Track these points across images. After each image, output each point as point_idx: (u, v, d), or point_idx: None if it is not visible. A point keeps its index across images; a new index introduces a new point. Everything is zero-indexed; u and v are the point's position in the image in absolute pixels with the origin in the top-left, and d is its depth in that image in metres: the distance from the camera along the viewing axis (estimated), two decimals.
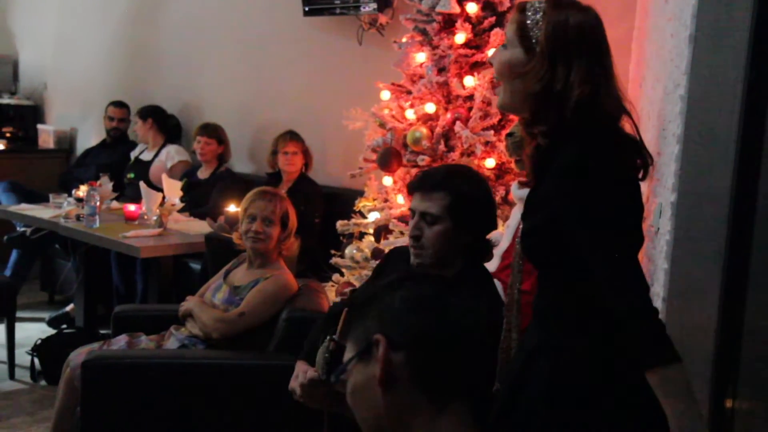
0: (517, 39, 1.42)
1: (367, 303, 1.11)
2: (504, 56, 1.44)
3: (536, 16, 1.42)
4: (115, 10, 5.50)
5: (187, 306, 2.80)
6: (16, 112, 5.98)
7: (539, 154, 1.41)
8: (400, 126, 3.08)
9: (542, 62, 1.39)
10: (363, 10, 3.95)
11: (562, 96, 1.38)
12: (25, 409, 3.49)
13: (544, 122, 1.40)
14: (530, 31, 1.41)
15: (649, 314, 1.29)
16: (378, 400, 1.05)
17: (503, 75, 1.45)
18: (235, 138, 4.64)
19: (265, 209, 2.72)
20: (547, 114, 1.39)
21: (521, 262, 1.53)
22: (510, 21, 1.46)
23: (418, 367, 1.05)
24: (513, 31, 1.44)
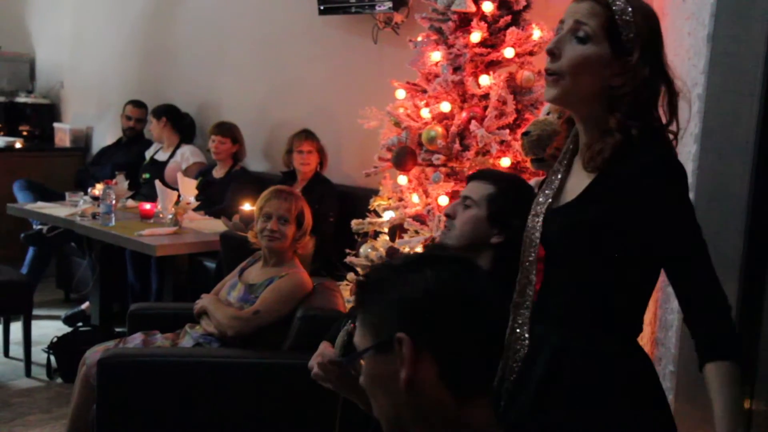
0: (604, 33, 1.36)
1: (383, 282, 1.08)
2: (584, 51, 1.37)
3: (626, 14, 1.37)
4: (132, 8, 5.53)
5: (202, 304, 2.81)
6: (32, 111, 6.02)
7: (610, 148, 1.37)
8: (415, 125, 3.08)
9: (634, 62, 1.36)
10: (378, 8, 3.96)
11: (649, 95, 1.39)
12: (41, 406, 3.51)
13: (640, 120, 1.38)
14: (621, 28, 1.36)
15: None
16: (399, 392, 1.03)
17: (579, 70, 1.38)
18: (250, 137, 4.66)
19: (280, 208, 2.73)
20: (642, 112, 1.38)
21: (535, 258, 1.49)
22: (586, 12, 1.38)
23: (446, 365, 1.03)
24: (598, 25, 1.37)
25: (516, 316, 1.50)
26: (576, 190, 1.44)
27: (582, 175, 1.44)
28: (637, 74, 1.37)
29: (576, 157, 1.50)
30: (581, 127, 1.46)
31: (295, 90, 4.62)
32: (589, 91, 1.39)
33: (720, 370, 1.28)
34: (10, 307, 3.93)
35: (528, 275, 1.49)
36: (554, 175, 1.51)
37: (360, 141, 4.01)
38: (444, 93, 3.00)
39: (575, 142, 1.50)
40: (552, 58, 1.40)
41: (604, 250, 1.38)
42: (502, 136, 2.86)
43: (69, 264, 4.98)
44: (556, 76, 1.39)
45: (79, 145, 5.88)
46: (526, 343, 1.48)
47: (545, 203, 1.48)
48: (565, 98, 1.42)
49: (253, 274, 2.81)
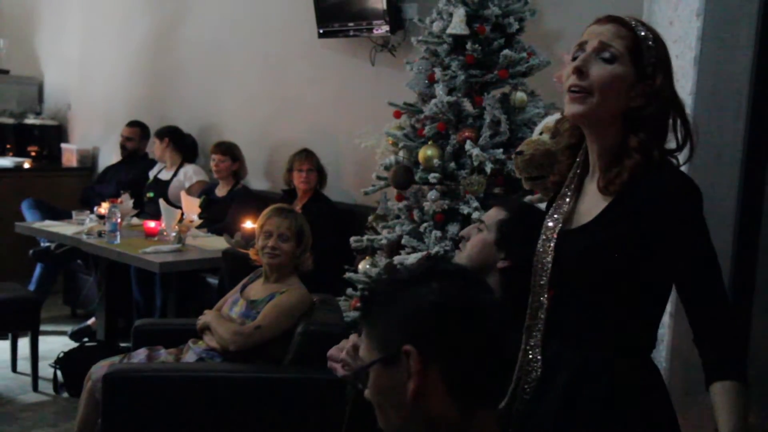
0: (629, 56, 1.36)
1: (389, 295, 1.07)
2: (614, 71, 1.36)
3: (648, 39, 1.38)
4: (136, 33, 5.56)
5: (205, 319, 2.80)
6: (41, 132, 6.02)
7: (628, 171, 1.36)
8: (412, 145, 3.08)
9: (658, 85, 1.37)
10: (376, 32, 3.97)
11: (668, 119, 1.39)
12: (48, 420, 3.50)
13: (660, 142, 1.39)
14: (644, 51, 1.37)
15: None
16: (405, 405, 1.02)
17: (607, 88, 1.36)
18: (251, 156, 4.66)
19: (281, 226, 2.73)
20: (662, 135, 1.39)
21: (546, 282, 1.45)
22: (611, 34, 1.38)
23: (453, 378, 1.02)
24: (624, 47, 1.36)
25: (528, 338, 1.47)
26: (592, 213, 1.42)
27: (596, 197, 1.42)
28: (660, 97, 1.37)
29: (586, 179, 1.48)
30: (595, 148, 1.44)
31: (295, 110, 4.63)
32: (612, 110, 1.38)
33: (726, 389, 1.28)
34: (18, 322, 3.92)
35: (539, 298, 1.46)
36: (562, 199, 1.49)
37: (358, 160, 4.01)
38: (440, 113, 3.00)
39: (584, 166, 1.48)
40: (580, 76, 1.37)
41: (622, 271, 1.37)
42: (497, 156, 2.86)
43: (75, 281, 4.97)
44: (583, 93, 1.37)
45: (85, 165, 5.88)
46: (538, 365, 1.45)
47: (555, 227, 1.46)
48: (590, 116, 1.39)
49: (255, 291, 2.80)
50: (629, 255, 1.36)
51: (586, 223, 1.42)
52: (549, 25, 3.29)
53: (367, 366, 1.06)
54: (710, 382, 1.30)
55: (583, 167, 1.48)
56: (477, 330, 1.03)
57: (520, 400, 1.46)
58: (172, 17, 5.34)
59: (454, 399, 1.02)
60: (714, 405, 1.29)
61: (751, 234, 1.71)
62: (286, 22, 4.58)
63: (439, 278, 1.06)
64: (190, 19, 5.22)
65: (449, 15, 3.03)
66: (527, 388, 1.46)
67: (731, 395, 1.28)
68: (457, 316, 1.03)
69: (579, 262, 1.41)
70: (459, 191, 2.94)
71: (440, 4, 3.11)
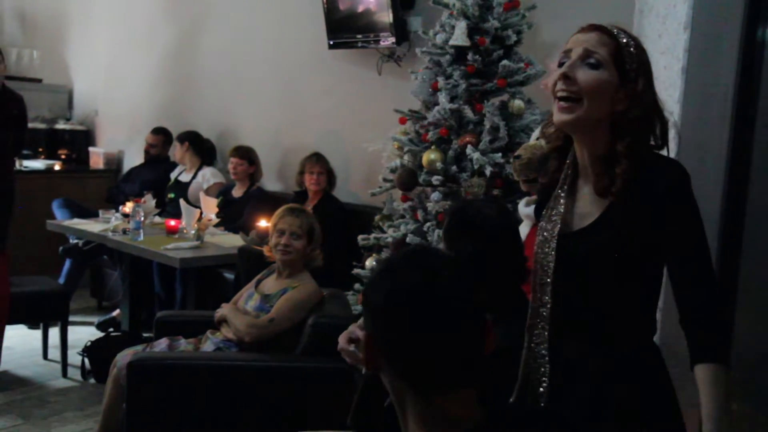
0: (613, 62, 1.35)
1: (370, 287, 1.08)
2: (599, 76, 1.34)
3: (629, 45, 1.36)
4: (159, 43, 5.57)
5: (222, 312, 2.80)
6: (70, 136, 6.04)
7: (621, 178, 1.34)
8: (416, 149, 3.08)
9: (640, 89, 1.35)
10: (382, 43, 3.97)
11: (651, 121, 1.38)
12: (76, 404, 3.51)
13: (645, 144, 1.37)
14: (626, 57, 1.35)
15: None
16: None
17: (594, 93, 1.34)
18: (266, 159, 4.67)
19: (293, 224, 2.73)
20: (646, 137, 1.38)
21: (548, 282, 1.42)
22: (595, 41, 1.36)
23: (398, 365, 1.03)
24: (608, 54, 1.35)
25: (532, 336, 1.44)
26: (591, 214, 1.40)
27: (593, 199, 1.40)
28: (642, 101, 1.36)
29: (579, 181, 1.45)
30: (584, 153, 1.42)
31: (306, 117, 4.63)
32: (599, 115, 1.36)
33: (709, 372, 1.26)
34: (49, 314, 3.94)
35: (542, 298, 1.43)
36: (556, 200, 1.46)
37: (365, 163, 4.01)
38: (442, 120, 3.00)
39: (574, 168, 1.46)
40: (567, 82, 1.35)
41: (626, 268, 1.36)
42: (496, 160, 2.86)
43: (102, 275, 4.98)
44: (572, 102, 1.35)
45: (111, 167, 5.90)
46: (545, 361, 1.41)
47: (554, 229, 1.42)
48: (578, 122, 1.37)
49: (268, 285, 2.80)
50: (633, 253, 1.35)
51: (588, 225, 1.39)
52: (545, 37, 3.29)
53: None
54: (694, 363, 1.28)
55: (574, 168, 1.46)
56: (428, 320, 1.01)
57: (532, 396, 1.42)
58: (193, 29, 5.35)
59: (403, 379, 1.03)
60: (699, 386, 1.27)
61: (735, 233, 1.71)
62: (299, 34, 4.58)
63: (401, 269, 1.05)
64: (210, 31, 5.23)
65: (451, 27, 3.03)
66: (537, 384, 1.42)
67: (713, 378, 1.26)
68: (405, 308, 1.02)
69: (584, 262, 1.39)
70: (460, 193, 2.93)
71: (443, 18, 3.11)
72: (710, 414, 1.24)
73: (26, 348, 4.14)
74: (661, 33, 2.04)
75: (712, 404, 1.25)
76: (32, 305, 3.83)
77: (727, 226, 1.70)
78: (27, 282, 3.92)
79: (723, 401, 1.25)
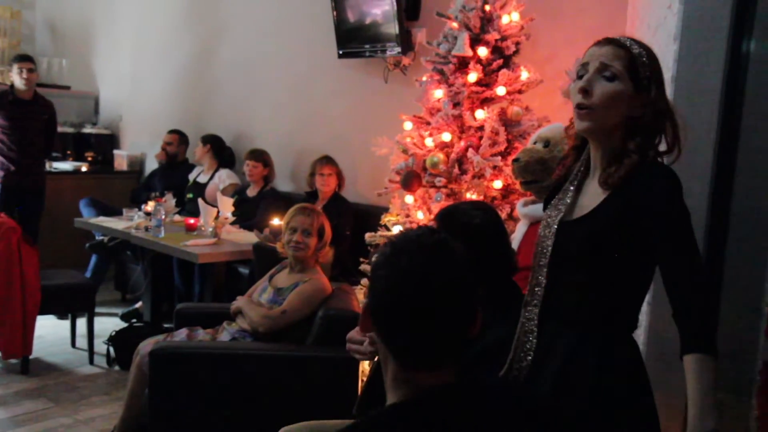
0: (627, 73, 1.37)
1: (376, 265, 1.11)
2: (615, 88, 1.36)
3: (642, 56, 1.37)
4: (179, 53, 5.58)
5: (238, 304, 2.81)
6: (96, 140, 6.06)
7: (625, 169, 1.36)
8: (420, 152, 3.08)
9: (653, 96, 1.37)
10: (389, 53, 3.97)
11: (662, 125, 1.38)
12: (102, 389, 3.53)
13: (654, 145, 1.39)
14: (639, 68, 1.37)
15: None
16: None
17: (609, 104, 1.36)
18: (278, 161, 4.67)
19: (304, 222, 2.74)
20: (655, 139, 1.39)
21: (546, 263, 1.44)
22: (611, 55, 1.38)
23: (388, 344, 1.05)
24: (622, 66, 1.37)
25: (526, 312, 1.46)
26: (591, 205, 1.42)
27: (596, 193, 1.42)
28: (655, 106, 1.37)
29: (587, 180, 1.47)
30: (598, 153, 1.44)
31: (317, 121, 4.63)
32: (614, 122, 1.39)
33: (697, 362, 1.25)
34: (77, 305, 3.96)
35: (538, 277, 1.45)
36: (564, 193, 1.49)
37: (373, 165, 4.01)
38: (445, 125, 3.00)
39: (586, 166, 1.48)
40: (585, 95, 1.38)
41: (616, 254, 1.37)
42: (495, 162, 2.86)
43: (125, 269, 4.99)
44: (588, 110, 1.37)
45: (134, 169, 5.92)
46: (533, 337, 1.43)
47: (557, 217, 1.45)
48: (595, 129, 1.40)
49: (281, 279, 2.81)
50: (622, 241, 1.36)
51: (586, 214, 1.42)
52: (541, 48, 3.28)
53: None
54: (684, 353, 1.27)
55: (585, 167, 1.48)
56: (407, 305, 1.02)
57: (518, 369, 1.44)
58: (210, 40, 5.36)
59: (394, 359, 1.05)
60: (686, 374, 1.26)
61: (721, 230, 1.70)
62: (310, 44, 4.58)
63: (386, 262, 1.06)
64: (226, 42, 5.24)
65: (454, 38, 3.03)
66: (523, 357, 1.45)
67: (700, 367, 1.25)
68: (389, 297, 1.04)
69: (578, 247, 1.40)
70: (461, 193, 2.93)
71: (446, 29, 3.11)
72: (696, 401, 1.24)
73: (56, 337, 4.17)
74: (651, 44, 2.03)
75: (699, 392, 1.24)
76: (61, 297, 3.85)
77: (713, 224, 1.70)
78: (56, 275, 3.94)
79: (709, 390, 1.24)
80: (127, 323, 4.23)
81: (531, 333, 1.44)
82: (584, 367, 1.36)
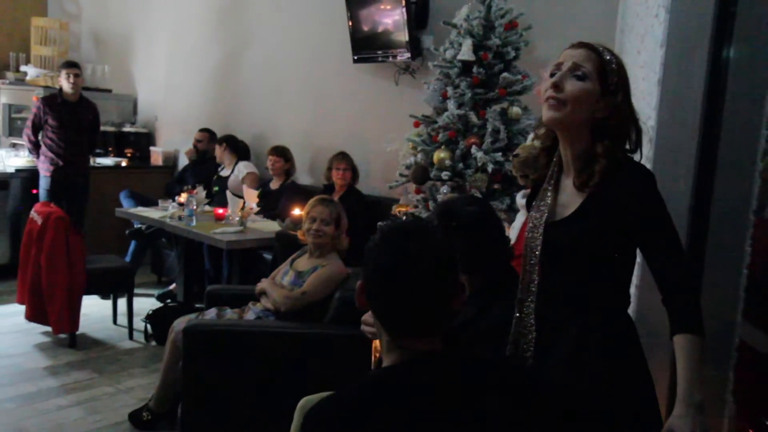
0: (597, 75, 1.35)
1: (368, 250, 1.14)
2: (584, 87, 1.35)
3: (612, 62, 1.36)
4: (209, 59, 5.59)
5: (262, 286, 2.82)
6: (134, 138, 6.08)
7: (598, 174, 1.34)
8: (428, 148, 3.08)
9: (620, 101, 1.36)
10: (399, 58, 3.96)
11: (627, 129, 1.37)
12: (140, 362, 3.56)
13: (621, 146, 1.37)
14: (608, 72, 1.36)
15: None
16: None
17: (578, 100, 1.35)
18: (298, 157, 4.67)
19: (323, 212, 2.74)
20: (622, 141, 1.38)
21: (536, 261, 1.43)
22: (583, 57, 1.37)
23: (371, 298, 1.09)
24: (593, 68, 1.35)
25: (522, 308, 1.45)
26: (571, 206, 1.40)
27: (573, 193, 1.40)
28: (621, 111, 1.36)
29: (562, 177, 1.45)
30: (568, 151, 1.42)
31: (334, 121, 4.63)
32: (581, 118, 1.37)
33: (686, 341, 1.26)
34: (117, 286, 3.99)
35: (531, 275, 1.44)
36: (543, 194, 1.47)
37: (384, 160, 4.01)
38: (451, 124, 3.00)
39: (559, 165, 1.46)
40: (556, 90, 1.36)
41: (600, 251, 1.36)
42: (497, 158, 2.85)
43: (160, 254, 5.02)
44: (558, 102, 1.36)
45: (168, 164, 5.93)
46: (533, 328, 1.42)
47: (542, 218, 1.43)
48: (562, 121, 1.38)
49: (301, 264, 2.81)
50: (605, 238, 1.35)
51: (568, 216, 1.40)
52: (539, 53, 3.26)
53: None
54: (674, 333, 1.27)
55: (559, 166, 1.46)
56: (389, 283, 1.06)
57: (520, 357, 1.43)
58: (237, 47, 5.36)
59: (383, 328, 1.09)
60: (676, 352, 1.26)
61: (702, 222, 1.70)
62: (328, 51, 4.58)
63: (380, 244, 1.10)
64: (251, 49, 5.24)
65: (459, 45, 3.02)
66: (526, 347, 1.43)
67: (690, 345, 1.25)
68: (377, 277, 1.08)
69: (567, 246, 1.40)
70: (466, 186, 2.93)
71: (452, 36, 3.10)
72: (686, 377, 1.24)
73: (99, 315, 4.21)
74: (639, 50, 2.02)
75: (688, 369, 1.24)
76: (104, 279, 3.88)
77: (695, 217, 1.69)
78: (99, 260, 3.98)
79: (697, 365, 1.25)
80: (163, 303, 4.27)
81: (531, 326, 1.43)
82: (594, 348, 1.35)
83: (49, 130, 4.71)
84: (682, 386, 1.24)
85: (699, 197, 1.68)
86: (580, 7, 3.24)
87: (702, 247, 1.69)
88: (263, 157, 4.80)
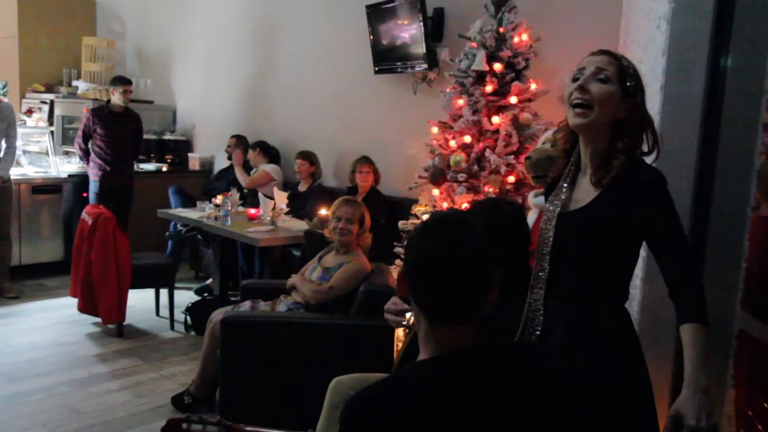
0: (617, 79, 1.37)
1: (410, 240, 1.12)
2: (608, 89, 1.36)
3: (630, 68, 1.38)
4: (242, 72, 5.65)
5: (292, 281, 2.84)
6: (174, 145, 6.16)
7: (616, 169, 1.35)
8: (445, 152, 3.09)
9: (638, 102, 1.37)
10: (417, 69, 3.97)
11: (644, 128, 1.38)
12: (181, 351, 3.61)
13: (639, 144, 1.38)
14: (627, 76, 1.37)
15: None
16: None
17: (604, 102, 1.35)
18: (324, 161, 4.70)
19: (348, 212, 2.76)
20: (639, 140, 1.38)
21: (548, 251, 1.44)
22: (605, 62, 1.38)
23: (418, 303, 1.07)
24: (614, 72, 1.37)
25: (532, 294, 1.46)
26: (586, 199, 1.41)
27: (588, 188, 1.41)
28: (639, 111, 1.37)
29: (579, 175, 1.46)
30: (588, 151, 1.42)
31: (357, 127, 4.65)
32: (605, 120, 1.38)
33: (693, 330, 1.27)
34: (159, 280, 4.04)
35: (542, 263, 1.45)
36: (559, 190, 1.47)
37: (404, 164, 4.02)
38: (466, 129, 3.01)
39: (577, 164, 1.47)
40: (582, 92, 1.37)
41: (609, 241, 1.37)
42: (509, 160, 2.85)
43: (198, 252, 5.08)
44: (585, 108, 1.36)
45: (205, 169, 5.99)
46: (541, 314, 1.43)
47: (555, 210, 1.44)
48: (589, 125, 1.38)
49: (328, 260, 2.83)
50: (612, 231, 1.36)
51: (582, 207, 1.41)
52: (548, 63, 3.25)
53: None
54: (681, 323, 1.28)
55: (576, 165, 1.47)
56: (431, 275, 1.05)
57: (527, 338, 1.45)
58: (268, 60, 5.41)
59: (423, 315, 1.07)
60: (683, 340, 1.27)
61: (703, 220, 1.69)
62: (351, 62, 4.60)
63: (424, 236, 1.08)
64: (281, 62, 5.28)
65: (473, 56, 3.02)
66: (533, 330, 1.45)
67: (696, 334, 1.26)
68: (418, 266, 1.06)
69: (577, 235, 1.40)
70: (480, 187, 2.94)
71: (466, 48, 3.11)
72: (692, 362, 1.25)
73: (143, 307, 4.26)
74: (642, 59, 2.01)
75: (695, 356, 1.25)
76: (147, 274, 3.93)
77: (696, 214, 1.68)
78: (143, 257, 4.03)
79: (703, 352, 1.25)
80: (201, 296, 4.32)
81: (538, 311, 1.44)
82: (585, 335, 1.37)
83: (97, 139, 4.81)
84: (689, 371, 1.25)
85: (700, 196, 1.68)
86: (586, 20, 3.23)
87: (703, 243, 1.69)
88: (291, 161, 4.85)
